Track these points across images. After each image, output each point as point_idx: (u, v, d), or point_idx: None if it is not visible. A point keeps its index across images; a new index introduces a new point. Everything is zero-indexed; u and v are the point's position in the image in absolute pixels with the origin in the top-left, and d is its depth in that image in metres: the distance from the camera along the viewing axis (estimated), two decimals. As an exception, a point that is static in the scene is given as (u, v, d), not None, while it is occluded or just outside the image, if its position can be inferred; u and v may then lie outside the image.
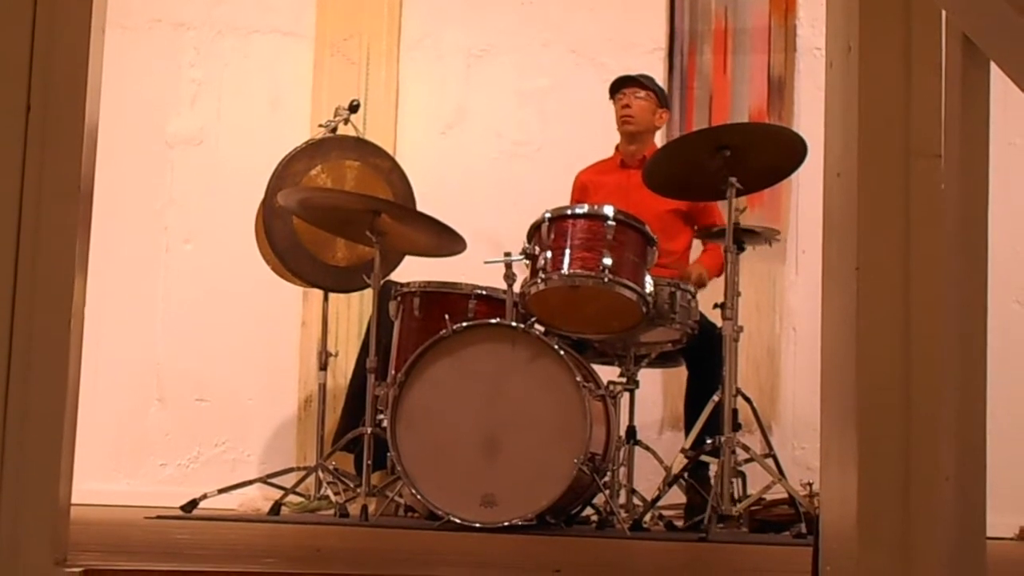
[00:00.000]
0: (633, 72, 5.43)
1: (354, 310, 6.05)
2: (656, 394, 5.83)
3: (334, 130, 5.45)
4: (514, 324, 4.24)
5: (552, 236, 4.37)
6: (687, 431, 4.74)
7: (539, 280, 4.34)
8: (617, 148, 5.43)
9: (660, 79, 5.84)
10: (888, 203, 1.88)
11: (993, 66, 1.67)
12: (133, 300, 6.09)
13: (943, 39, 1.81)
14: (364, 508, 4.40)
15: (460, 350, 4.23)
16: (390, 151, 5.79)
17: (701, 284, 4.94)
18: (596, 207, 4.46)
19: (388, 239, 4.81)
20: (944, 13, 1.80)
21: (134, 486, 5.94)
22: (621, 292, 4.32)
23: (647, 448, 4.81)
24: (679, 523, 4.68)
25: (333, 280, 5.45)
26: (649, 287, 4.37)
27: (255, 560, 2.36)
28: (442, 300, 4.61)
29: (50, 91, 1.84)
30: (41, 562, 1.77)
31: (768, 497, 4.52)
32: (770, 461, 4.52)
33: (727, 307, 4.39)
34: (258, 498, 5.22)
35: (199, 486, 4.99)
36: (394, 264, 5.31)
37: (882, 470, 1.84)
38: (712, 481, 4.48)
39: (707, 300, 4.68)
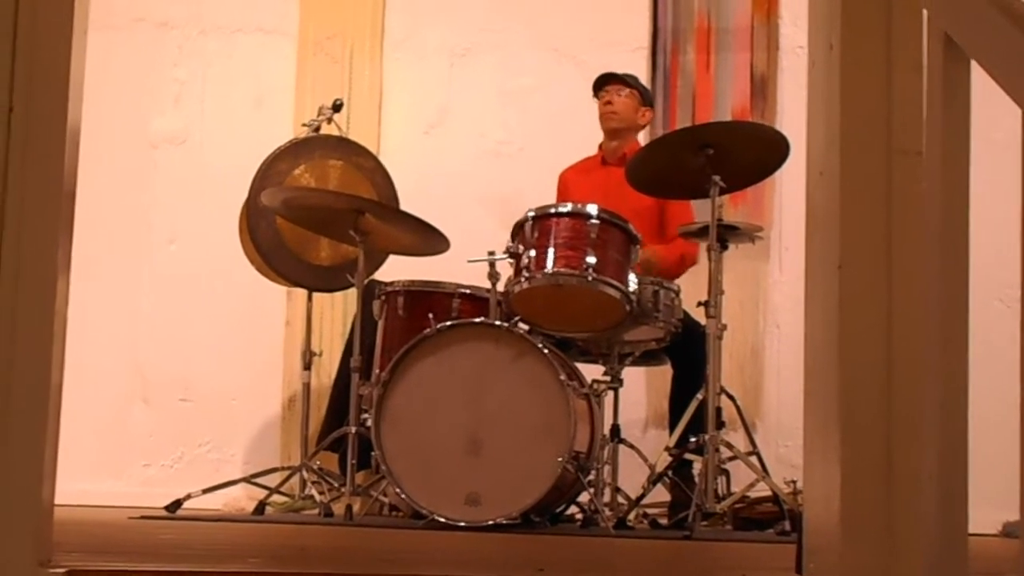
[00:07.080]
0: (616, 70, 5.43)
1: (338, 309, 6.05)
2: (640, 392, 5.83)
3: (317, 129, 5.45)
4: (498, 323, 4.25)
5: (536, 235, 4.37)
6: (671, 429, 4.74)
7: (523, 279, 4.34)
8: (600, 146, 5.43)
9: (643, 78, 5.84)
10: (870, 201, 1.89)
11: (974, 64, 1.68)
12: (117, 300, 6.08)
13: (924, 38, 1.81)
14: (348, 507, 4.39)
15: (444, 349, 4.23)
16: (373, 150, 5.80)
17: (648, 270, 4.74)
18: (580, 206, 4.46)
19: (372, 238, 4.80)
20: (925, 12, 1.80)
21: (118, 486, 5.93)
22: (605, 291, 4.32)
23: (631, 446, 4.82)
24: (663, 521, 4.68)
25: (317, 279, 5.45)
26: (633, 285, 4.38)
27: (239, 560, 2.36)
28: (426, 299, 4.61)
29: (32, 91, 1.83)
30: (24, 563, 1.76)
31: (752, 495, 4.53)
32: (754, 459, 4.53)
33: (711, 305, 4.39)
34: (242, 498, 5.21)
35: (183, 486, 4.98)
36: (378, 263, 5.31)
37: (865, 467, 1.85)
38: (696, 479, 4.50)
39: (691, 298, 4.68)
